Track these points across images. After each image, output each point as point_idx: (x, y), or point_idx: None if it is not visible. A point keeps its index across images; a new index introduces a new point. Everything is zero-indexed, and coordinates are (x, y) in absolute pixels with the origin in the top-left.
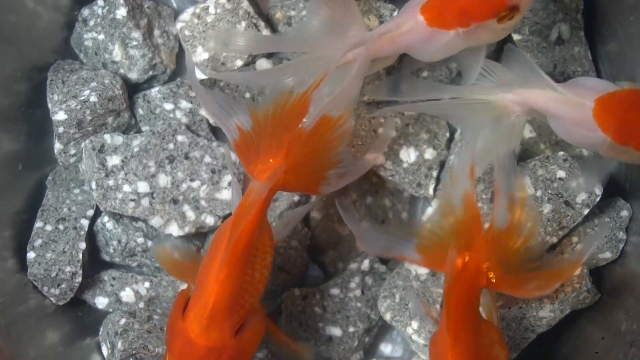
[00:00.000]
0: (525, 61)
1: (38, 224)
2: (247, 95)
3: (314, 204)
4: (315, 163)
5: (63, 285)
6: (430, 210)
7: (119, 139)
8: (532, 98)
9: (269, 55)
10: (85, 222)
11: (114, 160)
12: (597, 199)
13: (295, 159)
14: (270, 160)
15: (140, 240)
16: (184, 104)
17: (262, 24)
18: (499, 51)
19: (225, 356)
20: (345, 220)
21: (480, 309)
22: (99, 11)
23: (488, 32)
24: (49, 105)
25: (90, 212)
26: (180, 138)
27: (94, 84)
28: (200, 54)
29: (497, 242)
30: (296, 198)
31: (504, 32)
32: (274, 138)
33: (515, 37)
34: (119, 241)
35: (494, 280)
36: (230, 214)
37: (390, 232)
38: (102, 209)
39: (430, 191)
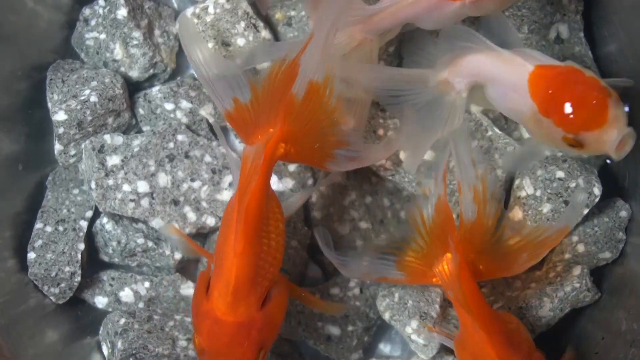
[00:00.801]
0: (466, 31)
1: (38, 225)
2: None
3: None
4: (316, 134)
5: (62, 285)
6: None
7: (119, 139)
8: (471, 64)
9: None
10: (84, 224)
11: (113, 160)
12: (597, 199)
13: (292, 126)
14: (270, 130)
15: (141, 240)
16: (185, 104)
17: (261, 24)
18: None
19: (255, 330)
20: (323, 251)
21: None
22: (100, 11)
23: (495, 1)
24: (49, 105)
25: (89, 214)
26: (180, 137)
27: (94, 84)
28: None
29: (472, 234)
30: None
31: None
32: (271, 107)
33: None
34: (119, 242)
35: (485, 270)
36: None
37: (370, 254)
38: (101, 209)
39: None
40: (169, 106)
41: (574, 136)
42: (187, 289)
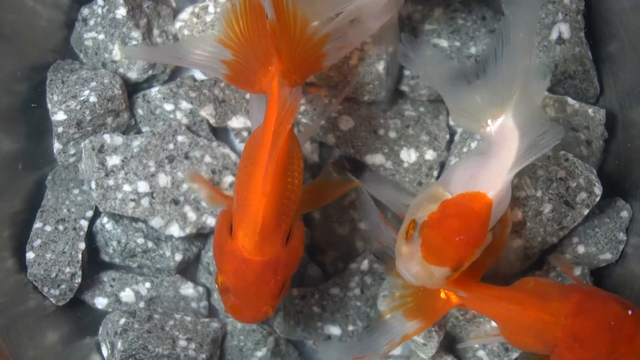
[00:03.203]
0: None
1: (37, 224)
2: (248, 95)
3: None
4: (304, 46)
5: (63, 286)
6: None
7: (118, 139)
8: None
9: None
10: (84, 223)
11: (113, 160)
12: (597, 199)
13: (286, 53)
14: (270, 69)
15: (141, 240)
16: (184, 105)
17: None
18: None
19: (280, 267)
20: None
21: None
22: (99, 10)
23: None
24: (49, 105)
25: (90, 213)
26: (180, 138)
27: (93, 84)
28: None
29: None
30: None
31: None
32: (257, 48)
33: None
34: (119, 242)
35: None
36: None
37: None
38: (101, 209)
39: None
40: (169, 107)
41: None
42: (187, 289)
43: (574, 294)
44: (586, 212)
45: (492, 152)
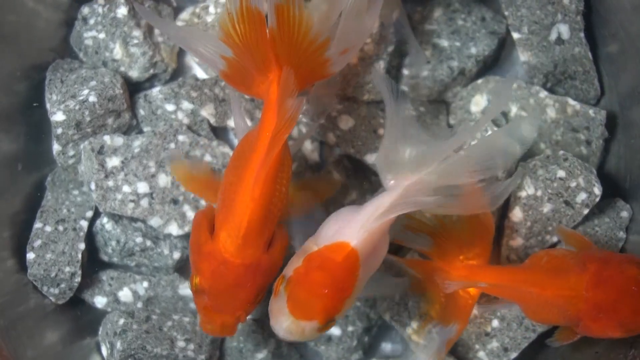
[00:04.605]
0: None
1: (37, 224)
2: (247, 96)
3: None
4: (307, 50)
5: (62, 285)
6: None
7: (119, 140)
8: None
9: None
10: (84, 223)
11: (113, 162)
12: (597, 199)
13: (288, 59)
14: (269, 75)
15: (139, 239)
16: (186, 105)
17: None
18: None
19: (260, 271)
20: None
21: None
22: (99, 10)
23: None
24: (48, 105)
25: (90, 213)
26: (181, 138)
27: (93, 83)
28: None
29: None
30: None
31: None
32: (255, 54)
33: (515, 35)
34: (118, 241)
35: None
36: None
37: None
38: (101, 210)
39: None
40: (170, 107)
41: None
42: (185, 288)
43: (589, 264)
44: (586, 212)
45: (365, 205)
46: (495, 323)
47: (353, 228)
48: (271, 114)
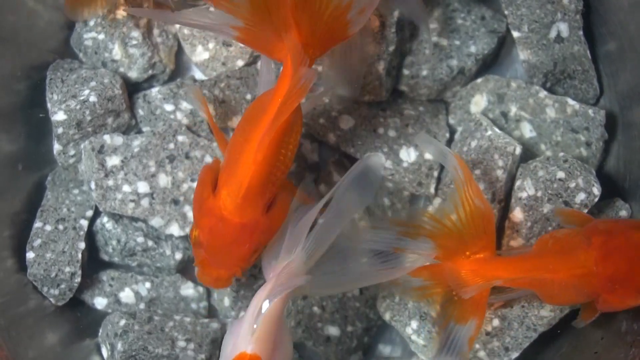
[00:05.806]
0: None
1: (37, 224)
2: (249, 96)
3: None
4: (331, 15)
5: (62, 286)
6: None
7: (118, 140)
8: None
9: None
10: (84, 223)
11: (113, 161)
12: (596, 199)
13: (309, 24)
14: (290, 34)
15: (140, 239)
16: (185, 105)
17: None
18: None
19: (257, 232)
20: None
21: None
22: (99, 10)
23: None
24: (48, 105)
25: (90, 213)
26: (180, 138)
27: (93, 84)
28: (200, 54)
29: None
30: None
31: None
32: (274, 18)
33: (515, 34)
34: (119, 241)
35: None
36: None
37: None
38: (101, 209)
39: (432, 189)
40: (169, 107)
41: None
42: (187, 289)
43: (595, 238)
44: (585, 212)
45: (248, 308)
46: (496, 322)
47: (243, 336)
48: (287, 80)
